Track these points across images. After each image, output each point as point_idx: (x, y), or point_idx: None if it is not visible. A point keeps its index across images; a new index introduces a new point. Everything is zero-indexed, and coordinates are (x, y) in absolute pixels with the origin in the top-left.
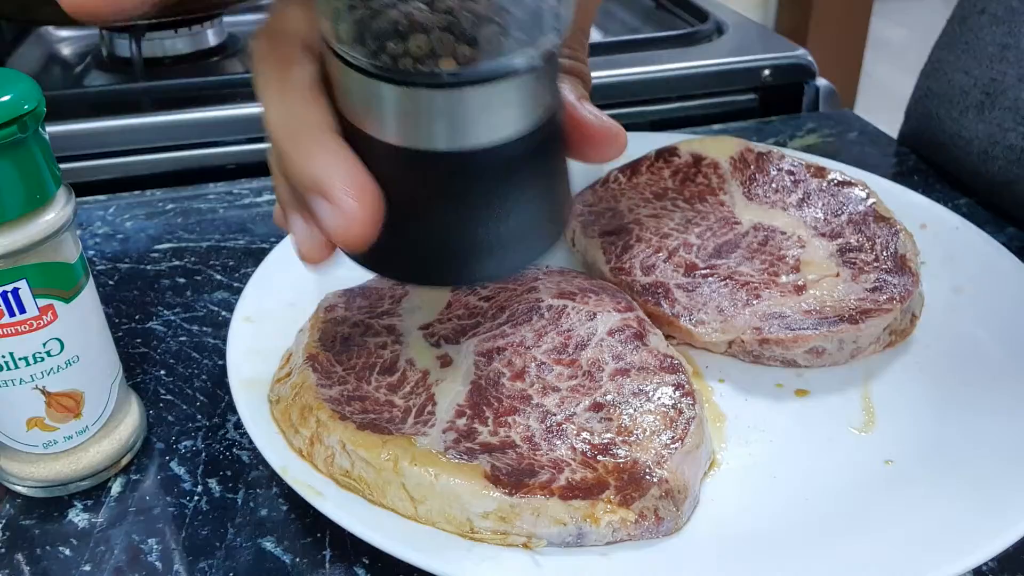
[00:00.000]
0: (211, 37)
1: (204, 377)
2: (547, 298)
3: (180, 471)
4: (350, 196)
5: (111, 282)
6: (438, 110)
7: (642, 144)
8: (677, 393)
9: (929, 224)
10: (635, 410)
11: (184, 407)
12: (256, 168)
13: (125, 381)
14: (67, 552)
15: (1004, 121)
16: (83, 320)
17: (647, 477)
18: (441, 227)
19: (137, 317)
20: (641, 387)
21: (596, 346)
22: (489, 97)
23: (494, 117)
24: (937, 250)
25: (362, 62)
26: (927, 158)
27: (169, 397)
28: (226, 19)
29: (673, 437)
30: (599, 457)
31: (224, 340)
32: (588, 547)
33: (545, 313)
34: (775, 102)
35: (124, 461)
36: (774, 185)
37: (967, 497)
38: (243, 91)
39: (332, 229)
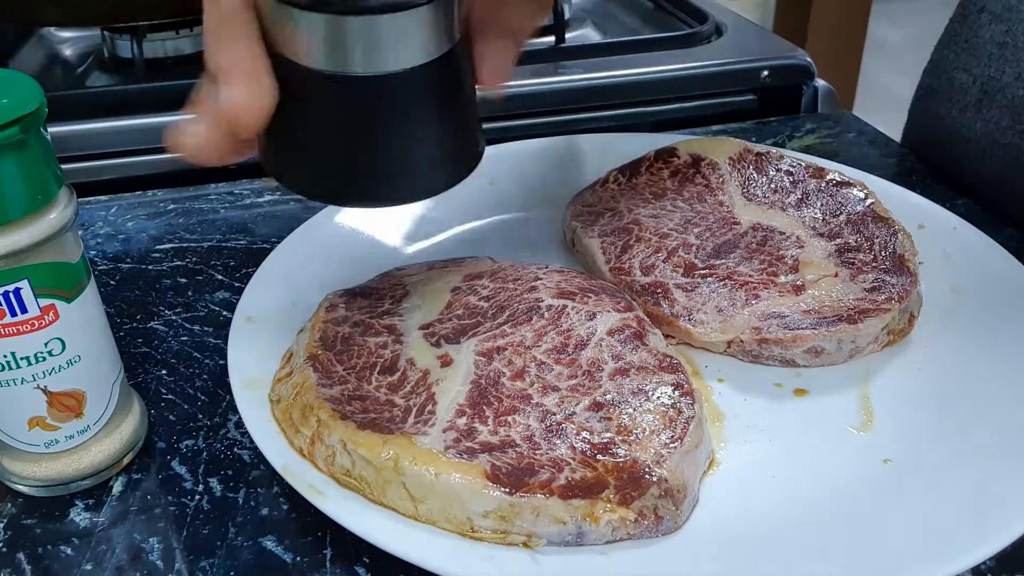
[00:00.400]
0: None
1: (205, 377)
2: (547, 298)
3: (181, 470)
4: (249, 81)
5: (113, 282)
6: (352, 36)
7: (641, 145)
8: (676, 393)
9: (927, 224)
10: (634, 409)
11: (185, 407)
12: (257, 168)
13: (126, 381)
14: (69, 551)
15: (1002, 119)
16: (85, 320)
17: (646, 476)
18: (352, 148)
19: (138, 317)
20: (640, 387)
21: (596, 346)
22: (398, 25)
23: (403, 44)
24: (935, 250)
25: None
26: (928, 157)
27: (170, 397)
28: None
29: (672, 436)
30: (599, 456)
31: (225, 340)
32: (588, 546)
33: (545, 313)
34: (774, 103)
35: (125, 460)
36: (773, 185)
37: (965, 496)
38: None
39: (229, 107)
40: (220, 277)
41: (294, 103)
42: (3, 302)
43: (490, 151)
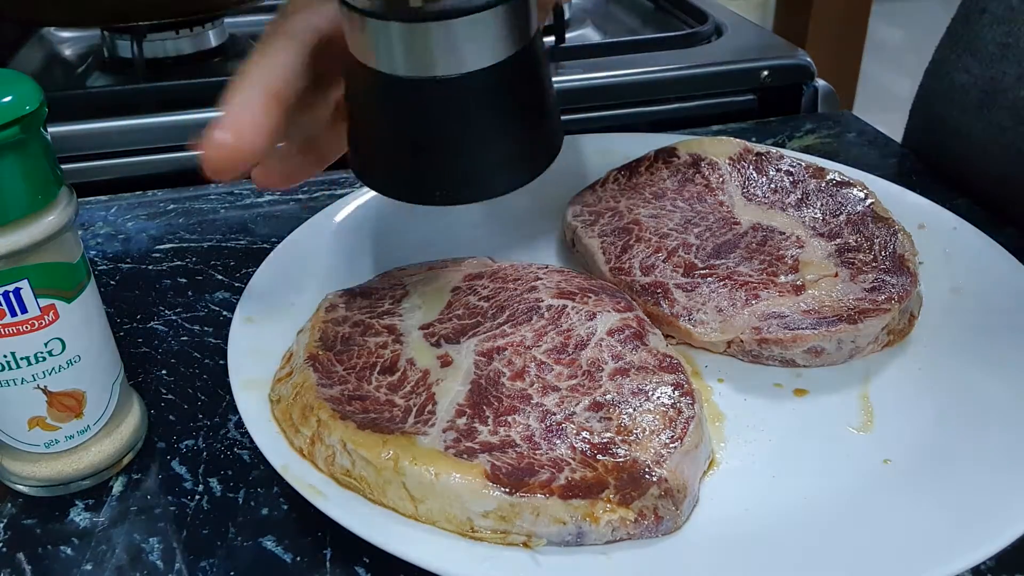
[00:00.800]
0: (212, 38)
1: (205, 377)
2: (547, 298)
3: (181, 470)
4: (226, 129)
5: (113, 282)
6: (430, 40)
7: (641, 145)
8: (676, 392)
9: (927, 224)
10: (634, 409)
11: (185, 407)
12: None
13: (126, 381)
14: (69, 551)
15: (1003, 120)
16: (85, 320)
17: (646, 476)
18: (437, 148)
19: (138, 317)
20: (640, 386)
21: (596, 346)
22: (476, 26)
23: (481, 43)
24: (935, 250)
25: (361, 4)
26: (928, 157)
27: (170, 397)
28: (227, 20)
29: (672, 436)
30: (599, 456)
31: (225, 340)
32: (588, 546)
33: (545, 313)
34: (774, 103)
35: (125, 460)
36: (773, 185)
37: (965, 496)
38: None
39: (206, 149)
40: (220, 277)
41: (376, 108)
42: (3, 302)
43: None
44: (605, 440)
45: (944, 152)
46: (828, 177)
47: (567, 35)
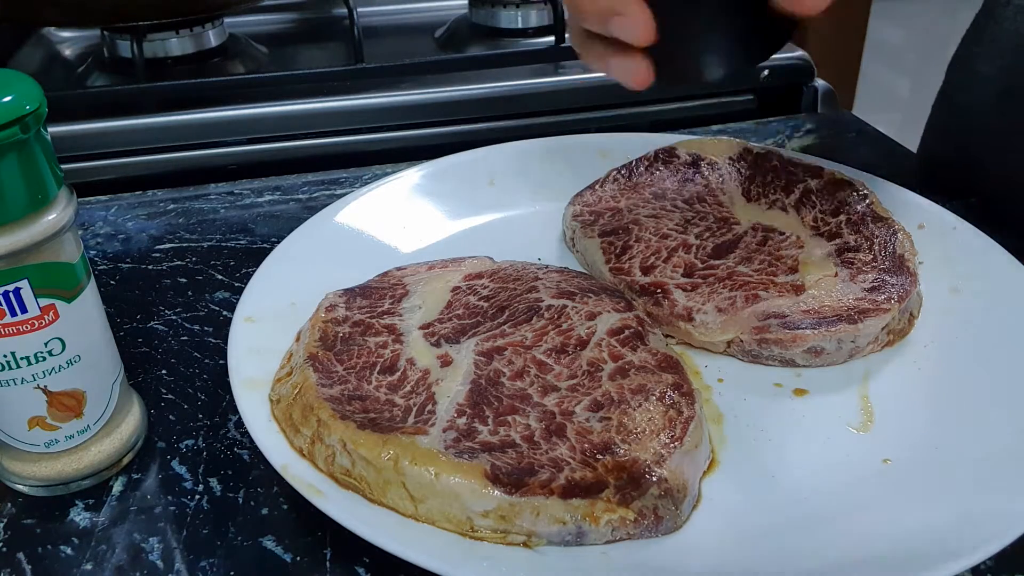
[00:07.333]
0: (212, 38)
1: (205, 376)
2: (547, 298)
3: (181, 470)
4: (637, 9)
5: (112, 282)
6: None
7: (641, 145)
8: (676, 393)
9: (927, 224)
10: (634, 409)
11: (185, 406)
12: (257, 168)
13: (126, 380)
14: (69, 551)
15: (1022, 113)
16: (84, 320)
17: (646, 476)
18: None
19: (138, 317)
20: (640, 386)
21: (595, 346)
22: None
23: None
24: (935, 250)
25: None
26: (944, 154)
27: (170, 396)
28: (227, 20)
29: (672, 436)
30: (598, 456)
31: (225, 340)
32: (588, 546)
33: (545, 313)
34: (773, 103)
35: (125, 460)
36: (772, 185)
37: (964, 496)
38: (244, 92)
39: (630, 35)
40: (220, 277)
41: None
42: (3, 302)
43: (490, 151)
44: (605, 440)
45: (961, 144)
46: (828, 177)
47: (567, 35)
